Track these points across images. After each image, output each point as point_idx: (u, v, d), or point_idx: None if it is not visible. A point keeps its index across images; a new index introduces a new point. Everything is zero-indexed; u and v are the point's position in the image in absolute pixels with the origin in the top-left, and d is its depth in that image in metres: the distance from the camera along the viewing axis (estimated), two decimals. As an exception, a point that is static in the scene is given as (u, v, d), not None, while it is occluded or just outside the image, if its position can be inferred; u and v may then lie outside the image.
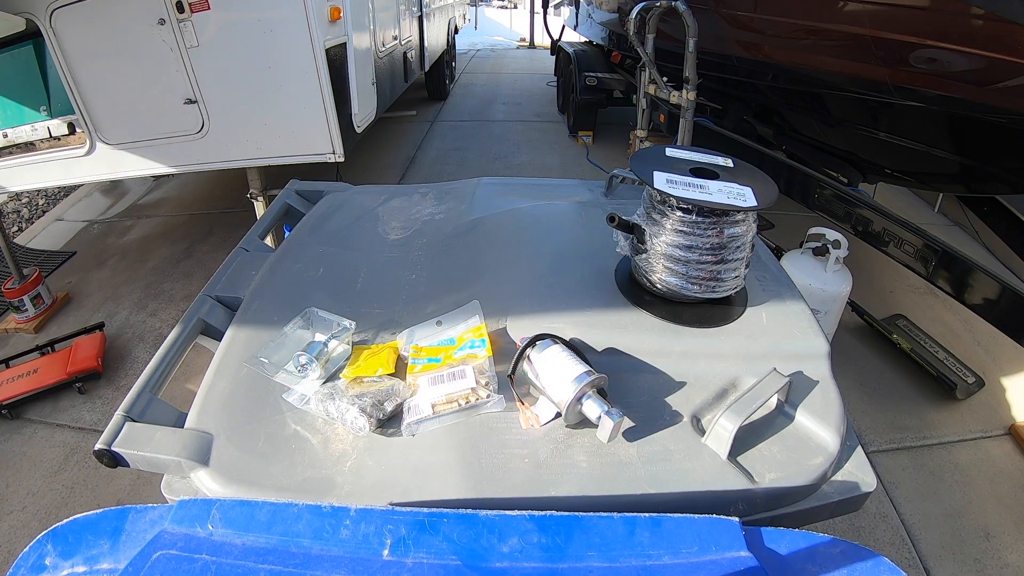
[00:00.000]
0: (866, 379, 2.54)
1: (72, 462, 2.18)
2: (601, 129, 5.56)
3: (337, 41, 2.72)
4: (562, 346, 0.72)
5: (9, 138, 2.77)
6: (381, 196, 1.28)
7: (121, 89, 2.57)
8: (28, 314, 2.97)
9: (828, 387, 0.76)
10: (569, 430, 0.70)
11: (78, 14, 2.39)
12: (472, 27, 10.39)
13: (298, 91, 2.63)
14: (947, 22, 2.49)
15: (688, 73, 3.02)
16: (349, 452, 0.68)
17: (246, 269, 1.05)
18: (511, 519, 0.51)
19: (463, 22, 8.46)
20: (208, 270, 3.32)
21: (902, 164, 2.73)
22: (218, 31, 2.48)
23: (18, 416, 2.40)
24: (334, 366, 0.80)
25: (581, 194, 1.29)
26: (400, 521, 0.51)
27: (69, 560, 0.54)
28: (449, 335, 0.84)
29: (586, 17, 5.93)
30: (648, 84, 3.48)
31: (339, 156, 2.80)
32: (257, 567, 0.47)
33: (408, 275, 1.00)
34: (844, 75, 2.87)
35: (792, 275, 1.01)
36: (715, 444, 0.66)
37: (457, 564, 0.48)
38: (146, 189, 4.67)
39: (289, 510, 0.53)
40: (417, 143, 5.59)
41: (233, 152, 2.77)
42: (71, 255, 3.70)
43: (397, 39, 4.23)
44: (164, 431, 0.71)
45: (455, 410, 0.71)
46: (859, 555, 0.49)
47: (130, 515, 0.56)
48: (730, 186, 0.80)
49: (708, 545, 0.49)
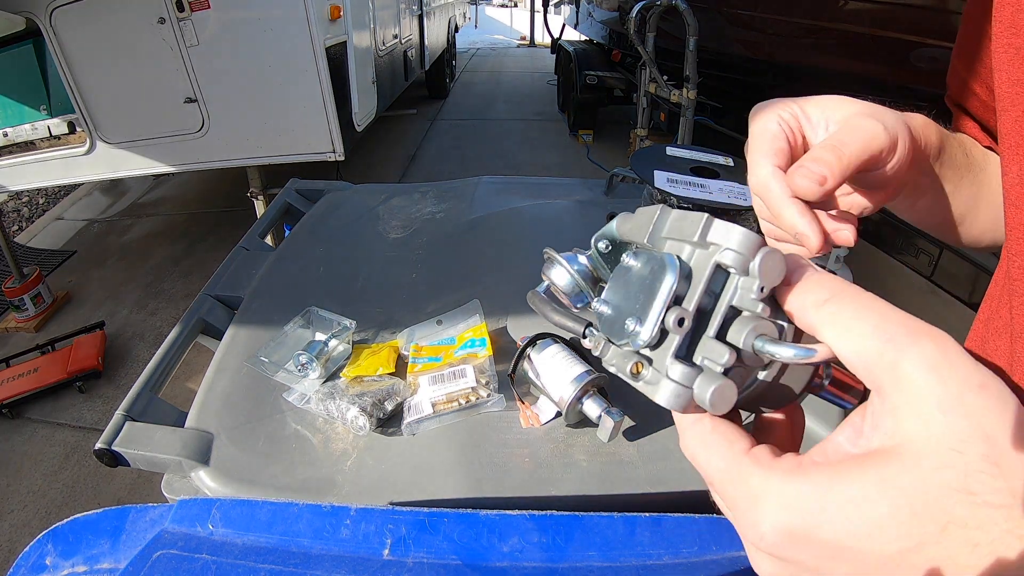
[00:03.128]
0: (866, 378, 2.54)
1: (72, 461, 2.18)
2: (601, 128, 5.55)
3: (337, 40, 2.72)
4: (562, 345, 0.72)
5: (9, 137, 2.77)
6: (381, 195, 1.28)
7: (121, 88, 2.57)
8: (28, 313, 2.97)
9: (828, 386, 0.75)
10: (569, 429, 0.70)
11: (78, 13, 2.39)
12: (472, 25, 10.38)
13: (298, 90, 2.63)
14: (947, 21, 2.48)
15: (688, 72, 3.02)
16: (349, 451, 0.68)
17: (246, 268, 1.05)
18: (511, 518, 0.51)
19: (463, 20, 8.45)
20: (208, 269, 3.31)
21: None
22: (218, 30, 2.48)
23: (18, 415, 2.40)
24: (334, 365, 0.80)
25: (581, 193, 1.29)
26: (400, 521, 0.51)
27: (69, 560, 0.54)
28: (449, 334, 0.84)
29: (586, 15, 5.93)
30: (648, 83, 3.48)
31: (339, 155, 2.79)
32: (257, 567, 0.47)
33: (408, 274, 1.00)
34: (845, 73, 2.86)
35: (793, 274, 1.00)
36: (715, 443, 0.66)
37: (457, 564, 0.48)
38: (146, 188, 4.67)
39: (289, 510, 0.53)
40: (417, 142, 5.59)
41: (233, 151, 2.77)
42: (71, 254, 3.70)
43: (397, 38, 4.23)
44: (164, 430, 0.71)
45: (455, 409, 0.71)
46: (859, 555, 0.49)
47: (130, 514, 0.56)
48: (731, 185, 0.80)
49: (708, 545, 0.49)
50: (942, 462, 0.20)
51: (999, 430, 0.20)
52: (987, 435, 0.20)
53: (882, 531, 0.20)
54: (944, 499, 0.20)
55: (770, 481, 0.23)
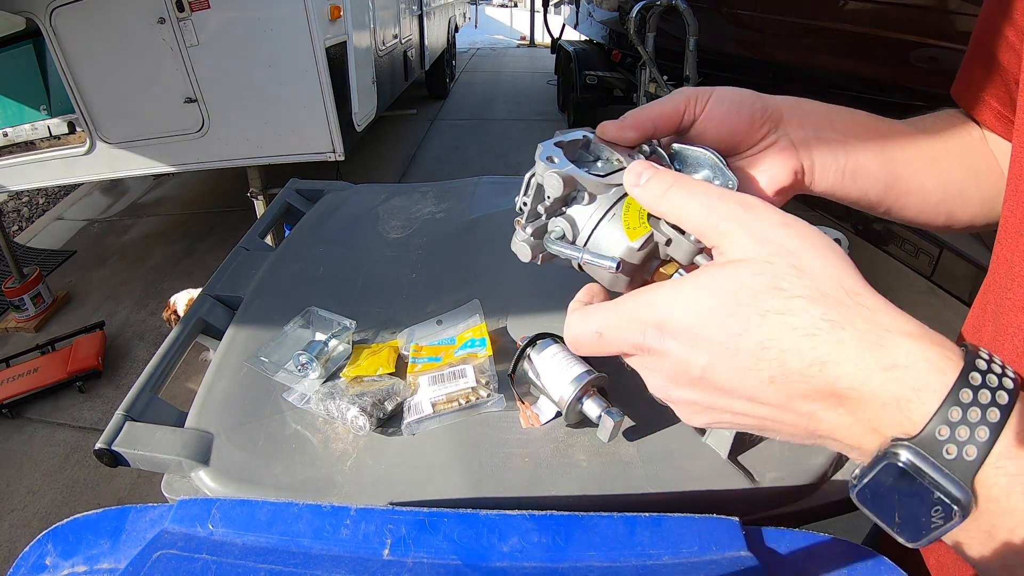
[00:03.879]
0: (866, 378, 2.54)
1: (72, 461, 2.19)
2: (601, 128, 5.54)
3: (337, 40, 2.72)
4: (562, 345, 0.72)
5: (9, 137, 2.77)
6: (381, 195, 1.28)
7: (121, 88, 2.57)
8: (28, 313, 2.97)
9: (828, 386, 0.75)
10: (569, 429, 0.70)
11: (78, 13, 2.39)
12: (472, 25, 10.37)
13: (298, 90, 2.63)
14: (948, 21, 2.48)
15: (688, 72, 3.02)
16: (349, 451, 0.68)
17: (246, 268, 1.05)
18: (511, 518, 0.51)
19: (463, 20, 8.45)
20: (208, 269, 3.32)
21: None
22: (218, 30, 2.48)
23: (19, 415, 2.40)
24: (334, 365, 0.80)
25: (581, 193, 1.29)
26: (400, 521, 0.51)
27: (69, 560, 0.53)
28: (449, 334, 0.84)
29: (586, 15, 5.93)
30: (648, 83, 3.48)
31: (339, 155, 2.79)
32: (257, 567, 0.47)
33: (408, 274, 1.00)
34: (845, 73, 2.86)
35: (793, 274, 1.00)
36: (715, 443, 0.66)
37: (457, 564, 0.48)
38: (146, 188, 4.67)
39: (289, 510, 0.53)
40: (417, 142, 5.59)
41: (233, 151, 2.77)
42: (71, 254, 3.70)
43: (397, 38, 4.23)
44: (164, 430, 0.71)
45: (455, 409, 0.71)
46: (859, 555, 0.49)
47: (130, 514, 0.56)
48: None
49: (708, 544, 0.49)
50: (758, 270, 0.28)
51: (800, 248, 0.28)
52: (791, 252, 0.28)
53: (714, 318, 0.28)
54: (762, 294, 0.27)
55: (643, 296, 0.30)
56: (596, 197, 0.37)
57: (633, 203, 0.35)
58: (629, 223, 0.35)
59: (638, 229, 0.35)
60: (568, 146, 0.39)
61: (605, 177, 0.37)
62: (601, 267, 0.35)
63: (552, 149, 0.38)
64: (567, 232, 0.38)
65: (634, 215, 0.35)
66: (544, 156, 0.37)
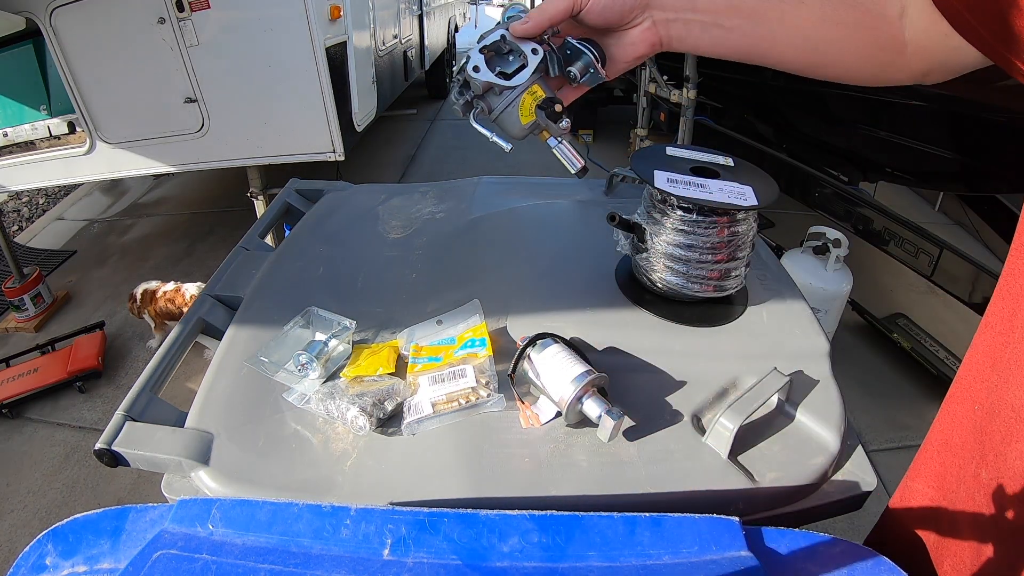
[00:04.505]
0: (866, 378, 2.54)
1: (72, 461, 2.18)
2: (601, 128, 5.55)
3: (337, 40, 2.72)
4: (562, 345, 0.72)
5: (9, 137, 2.77)
6: (381, 195, 1.28)
7: (121, 88, 2.57)
8: (28, 313, 2.97)
9: (829, 386, 0.75)
10: (569, 429, 0.70)
11: (78, 13, 2.39)
12: (472, 25, 10.37)
13: (298, 90, 2.63)
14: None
15: (688, 72, 3.02)
16: (349, 451, 0.68)
17: (246, 268, 1.05)
18: (511, 518, 0.51)
19: (463, 20, 8.44)
20: (208, 269, 3.32)
21: (903, 163, 2.73)
22: (218, 30, 2.48)
23: (18, 415, 2.40)
24: (334, 365, 0.80)
25: (582, 193, 1.29)
26: (400, 521, 0.51)
27: (69, 560, 0.53)
28: (449, 334, 0.84)
29: (586, 15, 5.91)
30: (648, 83, 3.48)
31: (339, 155, 2.79)
32: (257, 567, 0.47)
33: (408, 274, 1.00)
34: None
35: (793, 274, 1.00)
36: (715, 443, 0.66)
37: (457, 564, 0.48)
38: (146, 188, 4.67)
39: (289, 510, 0.53)
40: (417, 141, 5.59)
41: (233, 151, 2.77)
42: (71, 254, 3.70)
43: (397, 38, 4.22)
44: (164, 430, 0.71)
45: (455, 409, 0.71)
46: (859, 555, 0.49)
47: (130, 514, 0.56)
48: (731, 185, 0.80)
49: (708, 544, 0.49)
50: None
51: None
52: None
53: None
54: None
55: None
56: (503, 91, 0.61)
57: (527, 98, 0.60)
58: (523, 112, 0.61)
59: (528, 116, 0.62)
60: (491, 47, 0.60)
61: (511, 78, 0.60)
62: (502, 144, 0.66)
63: (477, 57, 0.60)
64: (485, 110, 0.64)
65: (526, 107, 0.61)
66: (471, 66, 0.60)
